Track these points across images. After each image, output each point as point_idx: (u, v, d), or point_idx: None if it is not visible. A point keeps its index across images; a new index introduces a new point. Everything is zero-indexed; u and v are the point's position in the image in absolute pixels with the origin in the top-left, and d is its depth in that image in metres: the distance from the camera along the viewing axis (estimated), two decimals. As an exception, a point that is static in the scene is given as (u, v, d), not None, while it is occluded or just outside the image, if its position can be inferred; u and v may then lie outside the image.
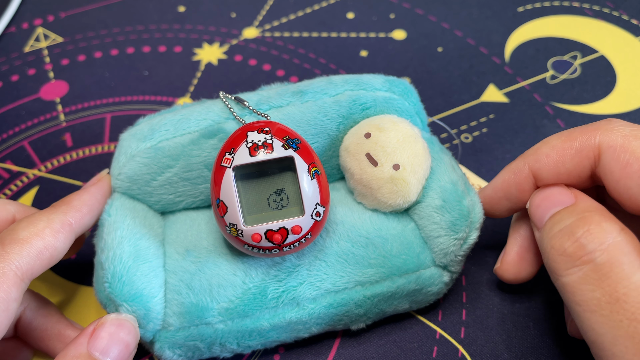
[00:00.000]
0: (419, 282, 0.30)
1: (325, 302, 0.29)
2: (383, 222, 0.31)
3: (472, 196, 0.30)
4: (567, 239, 0.25)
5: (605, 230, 0.24)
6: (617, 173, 0.26)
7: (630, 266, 0.23)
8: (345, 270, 0.29)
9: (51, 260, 0.27)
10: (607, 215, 0.25)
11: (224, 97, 0.31)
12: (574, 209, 0.26)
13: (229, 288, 0.29)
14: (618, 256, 0.23)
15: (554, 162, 0.28)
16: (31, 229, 0.27)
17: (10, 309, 0.25)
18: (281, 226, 0.27)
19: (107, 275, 0.27)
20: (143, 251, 0.29)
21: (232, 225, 0.27)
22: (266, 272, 0.29)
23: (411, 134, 0.30)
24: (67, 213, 0.29)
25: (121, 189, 0.31)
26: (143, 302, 0.27)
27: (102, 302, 0.29)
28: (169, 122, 0.31)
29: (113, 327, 0.26)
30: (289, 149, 0.27)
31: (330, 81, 0.32)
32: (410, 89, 0.33)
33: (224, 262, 0.29)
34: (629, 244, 0.23)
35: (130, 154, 0.30)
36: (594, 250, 0.24)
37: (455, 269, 0.30)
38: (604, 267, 0.23)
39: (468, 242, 0.29)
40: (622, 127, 0.27)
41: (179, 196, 0.32)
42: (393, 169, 0.29)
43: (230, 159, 0.27)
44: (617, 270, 0.23)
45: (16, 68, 0.47)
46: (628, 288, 0.22)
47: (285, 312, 0.29)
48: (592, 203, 0.26)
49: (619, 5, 0.50)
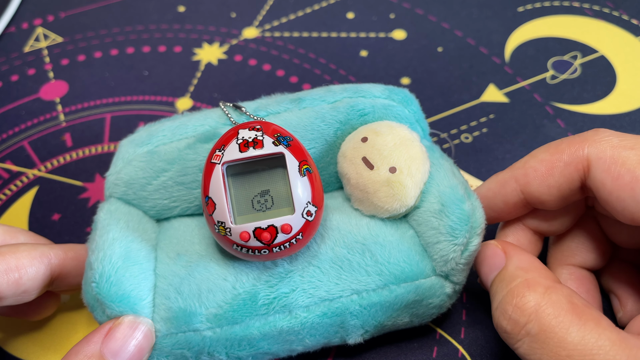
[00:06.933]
0: (419, 292, 0.28)
1: (319, 310, 0.28)
2: (380, 228, 0.30)
3: (473, 200, 0.29)
4: (503, 319, 0.25)
5: (529, 301, 0.25)
6: (608, 185, 0.25)
7: (560, 328, 0.23)
8: (341, 278, 0.28)
9: (19, 284, 0.27)
10: (531, 280, 0.25)
11: (223, 105, 0.31)
12: (503, 276, 0.27)
13: (218, 293, 0.28)
14: (547, 322, 0.24)
15: (542, 175, 0.28)
16: (12, 248, 0.28)
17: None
18: (270, 224, 0.26)
19: (94, 275, 0.27)
20: (134, 253, 0.28)
21: (220, 223, 0.27)
22: (257, 277, 0.28)
23: (409, 137, 0.30)
24: (51, 248, 0.29)
25: (117, 194, 0.31)
26: (131, 304, 0.27)
27: (89, 304, 0.28)
28: (167, 128, 0.31)
29: (129, 330, 0.26)
30: (280, 145, 0.27)
31: (329, 89, 0.32)
32: (410, 97, 0.33)
33: (214, 267, 0.29)
34: (554, 304, 0.24)
35: (127, 159, 0.31)
36: (526, 323, 0.24)
37: (457, 280, 0.29)
38: (540, 337, 0.24)
39: (469, 248, 0.28)
40: (609, 137, 0.26)
41: (173, 201, 0.31)
42: (389, 172, 0.29)
43: (220, 155, 0.27)
44: (551, 336, 0.23)
45: (16, 68, 0.47)
46: (568, 349, 0.23)
47: (276, 320, 0.28)
48: (519, 262, 0.27)
49: (619, 5, 0.50)
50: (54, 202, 0.39)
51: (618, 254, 0.31)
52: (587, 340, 0.23)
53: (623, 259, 0.31)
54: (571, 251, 0.31)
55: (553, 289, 0.25)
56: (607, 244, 0.31)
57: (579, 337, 0.23)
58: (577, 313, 0.24)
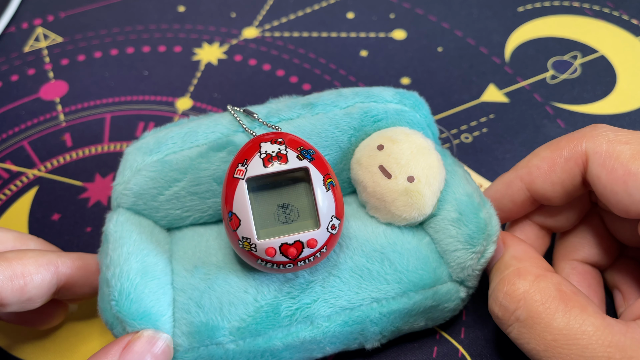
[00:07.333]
0: (436, 298, 0.29)
1: (340, 319, 0.28)
2: (398, 236, 0.30)
3: (488, 208, 0.29)
4: (495, 305, 0.27)
5: (518, 288, 0.26)
6: (603, 179, 0.26)
7: (547, 314, 0.25)
8: (361, 287, 0.28)
9: (23, 291, 0.27)
10: (522, 268, 0.27)
11: (232, 110, 0.31)
12: (498, 265, 0.28)
13: (240, 306, 0.27)
14: (534, 308, 0.25)
15: (545, 172, 0.28)
16: (18, 254, 0.27)
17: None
18: (296, 239, 0.26)
19: (113, 293, 0.26)
20: (151, 268, 0.28)
21: (245, 239, 0.26)
22: (279, 288, 0.28)
23: (425, 145, 0.30)
24: (59, 256, 0.29)
25: (126, 204, 0.30)
26: (152, 321, 0.26)
27: (107, 322, 0.28)
28: (176, 135, 0.30)
29: (147, 345, 0.26)
30: (304, 159, 0.27)
31: (340, 94, 0.32)
32: (421, 101, 0.32)
33: (234, 279, 0.28)
34: (542, 291, 0.25)
35: (135, 167, 0.30)
36: (515, 310, 0.26)
37: (472, 284, 0.29)
38: (528, 322, 0.25)
39: (485, 255, 0.28)
40: (606, 132, 0.27)
41: (186, 211, 0.31)
42: (407, 181, 0.29)
43: (243, 170, 0.27)
44: (538, 321, 0.25)
45: (16, 68, 0.47)
46: (553, 334, 0.24)
47: (299, 331, 0.28)
48: (514, 252, 0.28)
49: (619, 5, 0.50)
50: (53, 202, 0.39)
51: (625, 252, 0.32)
52: (572, 326, 0.24)
53: (630, 257, 0.32)
54: (574, 246, 0.31)
55: (543, 277, 0.26)
56: (612, 241, 0.31)
57: (564, 322, 0.24)
58: (564, 300, 0.25)
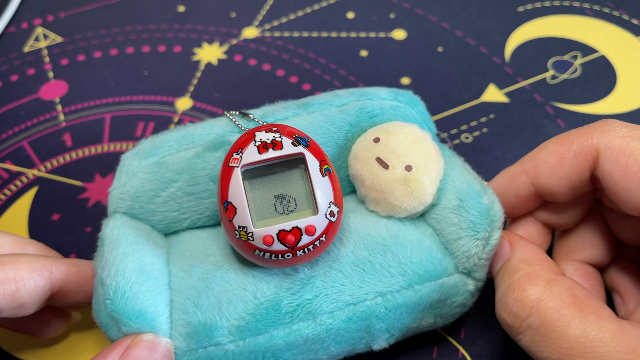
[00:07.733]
0: (443, 291, 0.28)
1: (344, 315, 0.27)
2: (399, 228, 0.29)
3: (490, 194, 0.28)
4: (504, 312, 0.26)
5: (530, 294, 0.25)
6: (616, 175, 0.26)
7: (562, 321, 0.24)
8: (364, 280, 0.27)
9: (15, 297, 0.26)
10: (532, 273, 0.26)
11: (228, 113, 0.31)
12: (506, 268, 0.27)
13: (239, 304, 0.27)
14: (548, 315, 0.24)
15: (552, 167, 0.28)
16: (12, 258, 0.27)
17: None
18: (294, 226, 0.26)
19: (108, 292, 0.26)
20: (147, 267, 0.27)
21: (241, 228, 0.26)
22: (279, 284, 0.27)
23: (421, 135, 0.30)
24: (54, 262, 0.28)
25: (122, 208, 0.30)
26: (148, 321, 0.26)
27: (102, 324, 0.27)
28: (172, 138, 0.30)
29: (147, 350, 0.25)
30: (299, 146, 0.27)
31: (335, 94, 0.32)
32: (416, 99, 0.33)
33: (233, 277, 0.28)
34: (556, 297, 0.24)
35: (132, 171, 0.29)
36: (527, 317, 0.25)
37: (479, 276, 0.28)
38: (541, 330, 0.24)
39: (490, 242, 0.27)
40: (619, 127, 0.26)
41: (183, 213, 0.30)
42: (405, 170, 0.29)
43: (238, 158, 0.26)
44: (552, 329, 0.24)
45: (16, 68, 0.47)
46: (569, 342, 0.23)
47: (301, 328, 0.27)
48: (523, 254, 0.27)
49: (619, 5, 0.50)
50: (53, 202, 0.39)
51: (621, 251, 0.32)
52: (588, 333, 0.23)
53: (626, 257, 0.31)
54: (576, 246, 0.31)
55: (555, 282, 0.25)
56: (612, 241, 0.31)
57: (580, 330, 0.23)
58: (579, 306, 0.24)
